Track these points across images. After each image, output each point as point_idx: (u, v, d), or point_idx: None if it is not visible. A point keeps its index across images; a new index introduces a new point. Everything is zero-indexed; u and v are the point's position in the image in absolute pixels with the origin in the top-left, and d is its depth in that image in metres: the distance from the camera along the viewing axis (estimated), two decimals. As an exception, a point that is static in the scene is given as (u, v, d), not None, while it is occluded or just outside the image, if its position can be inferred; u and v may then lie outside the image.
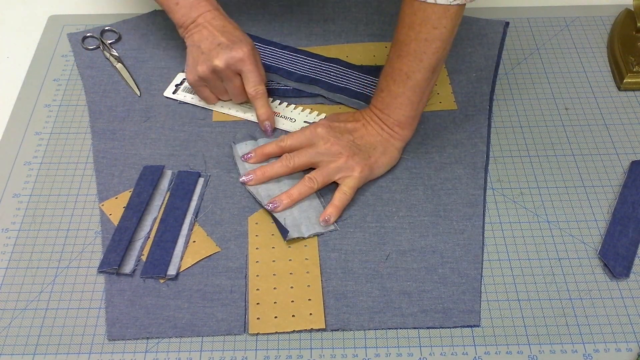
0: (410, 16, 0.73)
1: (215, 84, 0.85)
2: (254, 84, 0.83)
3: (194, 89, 0.87)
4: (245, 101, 0.87)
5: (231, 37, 0.83)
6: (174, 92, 0.90)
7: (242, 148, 0.84)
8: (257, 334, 0.69)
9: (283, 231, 0.76)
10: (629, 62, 0.92)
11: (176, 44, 0.95)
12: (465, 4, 0.72)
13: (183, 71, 0.93)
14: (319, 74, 0.91)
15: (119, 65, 0.93)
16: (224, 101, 0.89)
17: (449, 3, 0.71)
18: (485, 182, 0.81)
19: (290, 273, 0.73)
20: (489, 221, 0.78)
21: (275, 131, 0.87)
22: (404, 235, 0.76)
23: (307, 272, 0.73)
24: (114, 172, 0.82)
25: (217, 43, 0.82)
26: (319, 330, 0.70)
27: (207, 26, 0.83)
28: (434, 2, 0.71)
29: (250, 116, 0.88)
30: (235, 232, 0.77)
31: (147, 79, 0.92)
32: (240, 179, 0.80)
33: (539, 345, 0.69)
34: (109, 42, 0.96)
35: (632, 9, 0.98)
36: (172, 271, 0.73)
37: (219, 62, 0.81)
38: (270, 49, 0.95)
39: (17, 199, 0.80)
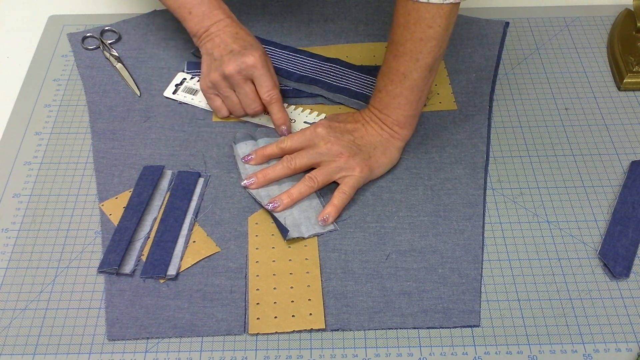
0: (405, 16, 0.73)
1: (226, 92, 0.84)
2: (267, 89, 0.82)
3: (206, 98, 0.87)
4: (258, 112, 0.85)
5: (243, 44, 0.83)
6: (174, 92, 0.90)
7: (242, 148, 0.84)
8: (257, 334, 0.69)
9: (283, 231, 0.76)
10: (629, 62, 0.92)
11: (176, 44, 0.96)
12: (459, 2, 0.72)
13: (183, 71, 0.93)
14: (319, 74, 0.91)
15: (119, 65, 0.93)
16: (238, 116, 0.87)
17: (441, 2, 0.71)
18: (485, 182, 0.81)
19: (290, 273, 0.73)
20: (489, 221, 0.78)
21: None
22: (404, 235, 0.76)
23: (307, 272, 0.73)
24: (114, 172, 0.82)
25: (228, 50, 0.82)
26: (319, 330, 0.70)
27: (219, 34, 0.83)
28: (426, 1, 0.71)
29: (250, 117, 0.88)
30: (235, 232, 0.77)
31: (147, 79, 0.92)
32: (242, 183, 0.80)
33: (539, 345, 0.69)
34: (109, 42, 0.96)
35: (632, 9, 0.98)
36: (172, 271, 0.73)
37: (230, 68, 0.81)
38: (270, 49, 0.95)
39: (17, 199, 0.80)
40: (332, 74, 0.91)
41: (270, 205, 0.77)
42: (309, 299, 0.71)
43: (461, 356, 0.68)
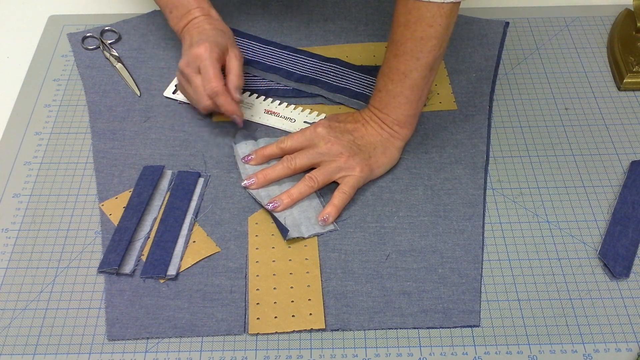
0: (405, 15, 0.73)
1: (184, 86, 0.83)
2: (207, 82, 0.79)
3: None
4: (207, 108, 0.82)
5: (201, 37, 0.82)
6: (174, 92, 0.90)
7: (243, 148, 0.84)
8: (257, 334, 0.69)
9: (283, 231, 0.76)
10: (629, 62, 0.92)
11: (176, 44, 0.95)
12: (459, 2, 0.72)
13: (183, 71, 0.93)
14: (319, 74, 0.91)
15: (119, 65, 0.93)
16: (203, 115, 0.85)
17: (442, 1, 0.71)
18: (485, 182, 0.81)
19: (290, 273, 0.73)
20: (489, 221, 0.78)
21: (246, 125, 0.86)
22: (404, 235, 0.76)
23: (307, 272, 0.73)
24: (114, 172, 0.82)
25: (189, 46, 0.82)
26: (319, 330, 0.70)
27: (190, 32, 0.84)
28: (427, 0, 0.71)
29: (250, 116, 0.88)
30: (235, 232, 0.77)
31: (147, 79, 0.92)
32: (242, 184, 0.80)
33: (539, 345, 0.69)
34: (109, 42, 0.96)
35: (632, 9, 0.98)
36: (172, 271, 0.73)
37: (182, 62, 0.82)
38: (270, 49, 0.95)
39: (17, 199, 0.80)
40: (332, 74, 0.91)
41: (270, 205, 0.77)
42: (309, 299, 0.71)
43: (461, 356, 0.68)
